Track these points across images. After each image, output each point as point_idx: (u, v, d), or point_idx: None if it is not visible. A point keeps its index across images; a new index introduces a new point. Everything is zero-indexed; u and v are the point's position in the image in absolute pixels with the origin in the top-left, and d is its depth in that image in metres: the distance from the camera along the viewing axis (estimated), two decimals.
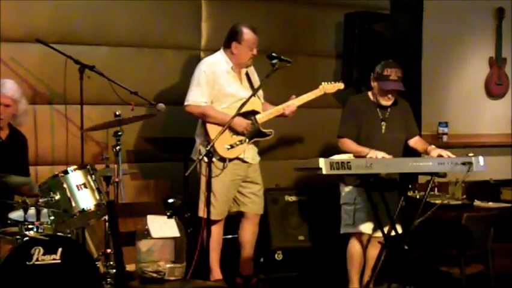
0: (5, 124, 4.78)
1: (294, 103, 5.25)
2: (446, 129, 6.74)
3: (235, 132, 5.13)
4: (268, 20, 6.09)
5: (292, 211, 5.90)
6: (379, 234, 4.86)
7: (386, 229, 4.76)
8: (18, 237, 4.13)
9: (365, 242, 5.08)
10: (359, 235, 5.05)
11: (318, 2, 6.36)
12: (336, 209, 5.19)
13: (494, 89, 7.09)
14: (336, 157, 4.54)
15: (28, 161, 4.96)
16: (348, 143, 4.96)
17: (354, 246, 5.07)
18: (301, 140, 6.25)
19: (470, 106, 7.01)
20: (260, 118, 5.21)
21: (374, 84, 5.03)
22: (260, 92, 5.25)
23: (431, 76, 6.68)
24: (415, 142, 5.17)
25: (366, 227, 5.01)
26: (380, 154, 4.69)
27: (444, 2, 6.73)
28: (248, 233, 5.36)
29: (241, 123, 5.10)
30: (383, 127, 5.04)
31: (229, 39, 5.20)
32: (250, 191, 5.30)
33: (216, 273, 5.19)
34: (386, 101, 5.02)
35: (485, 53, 7.03)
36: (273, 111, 5.25)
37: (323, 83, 5.35)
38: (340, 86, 5.39)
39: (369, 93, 5.11)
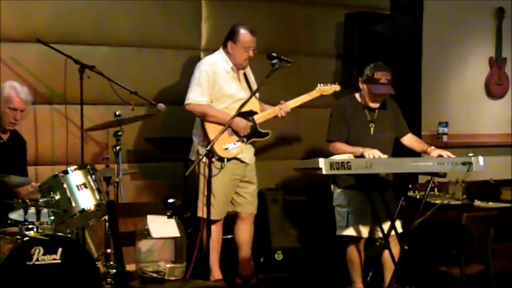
0: (14, 127, 4.81)
1: (288, 104, 5.25)
2: (446, 129, 6.75)
3: (234, 132, 5.13)
4: (268, 20, 6.09)
5: (292, 211, 5.90)
6: (379, 234, 4.87)
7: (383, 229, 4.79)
8: (18, 237, 4.12)
9: (362, 245, 5.06)
10: (356, 239, 5.03)
11: (318, 2, 6.36)
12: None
13: (494, 89, 7.09)
14: (336, 157, 4.54)
15: (27, 163, 4.97)
16: (339, 145, 4.91)
17: (352, 251, 5.04)
18: (301, 140, 6.25)
19: (470, 106, 7.02)
20: (258, 118, 5.21)
21: (363, 86, 5.00)
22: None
23: (431, 76, 6.68)
24: (410, 141, 5.15)
25: (361, 231, 4.99)
26: (375, 153, 4.68)
27: (444, 2, 6.73)
28: (244, 233, 5.36)
29: (241, 124, 5.10)
30: (372, 129, 5.01)
31: (226, 38, 5.21)
32: (246, 191, 5.31)
33: (216, 273, 5.19)
34: (374, 104, 5.00)
35: (485, 53, 7.03)
36: (271, 111, 5.25)
37: (319, 84, 5.35)
38: (336, 88, 5.40)
39: (357, 95, 5.08)
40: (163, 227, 4.47)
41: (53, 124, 5.38)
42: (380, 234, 4.85)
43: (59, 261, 4.07)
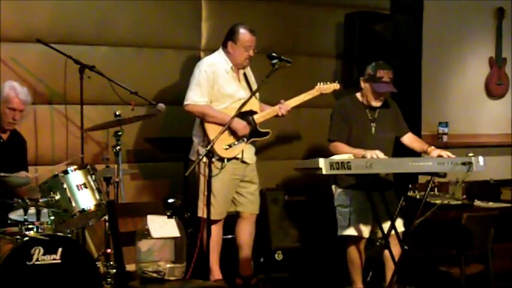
0: (14, 127, 4.82)
1: (288, 103, 5.25)
2: (446, 129, 6.75)
3: (233, 132, 5.13)
4: (268, 20, 6.09)
5: (292, 211, 5.90)
6: (380, 234, 4.87)
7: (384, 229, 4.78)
8: (18, 237, 4.13)
9: (363, 245, 5.06)
10: (357, 239, 5.03)
11: (318, 2, 6.36)
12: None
13: (494, 89, 7.10)
14: (336, 157, 4.53)
15: (27, 163, 4.97)
16: (340, 146, 4.92)
17: (353, 251, 5.04)
18: (301, 139, 6.25)
19: (470, 106, 7.02)
20: (258, 118, 5.22)
21: (365, 85, 5.01)
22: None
23: (431, 76, 6.68)
24: (410, 141, 5.16)
25: (362, 230, 4.99)
26: (376, 154, 4.68)
27: (444, 2, 6.73)
28: (245, 233, 5.36)
29: (240, 125, 5.09)
30: (373, 128, 5.02)
31: (226, 38, 5.22)
32: (247, 191, 5.30)
33: (216, 273, 5.19)
34: (377, 103, 5.01)
35: (485, 53, 7.04)
36: (271, 111, 5.25)
37: (318, 83, 5.36)
38: (336, 86, 5.40)
39: (358, 95, 5.09)
40: (163, 227, 4.46)
41: (53, 124, 5.38)
42: (381, 234, 4.84)
43: (59, 261, 4.07)
